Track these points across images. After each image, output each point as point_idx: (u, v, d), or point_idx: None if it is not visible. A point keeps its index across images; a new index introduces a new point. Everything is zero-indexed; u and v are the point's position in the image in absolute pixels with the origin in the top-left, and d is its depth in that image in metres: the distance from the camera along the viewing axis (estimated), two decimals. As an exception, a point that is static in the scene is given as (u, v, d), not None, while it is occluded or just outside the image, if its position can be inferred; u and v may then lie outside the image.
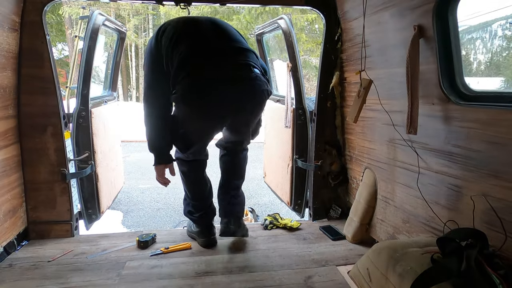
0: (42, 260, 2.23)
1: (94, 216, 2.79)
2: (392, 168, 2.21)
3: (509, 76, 6.33)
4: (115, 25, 3.19)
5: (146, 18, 23.95)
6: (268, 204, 5.79)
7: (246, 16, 13.80)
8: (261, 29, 3.62)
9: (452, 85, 1.72)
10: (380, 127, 2.32)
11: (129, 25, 20.30)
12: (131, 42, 22.95)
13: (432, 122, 1.82)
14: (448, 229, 1.68)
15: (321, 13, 2.70)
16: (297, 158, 3.00)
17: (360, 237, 2.48)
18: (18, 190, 2.41)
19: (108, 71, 3.59)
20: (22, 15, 2.30)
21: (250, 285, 1.96)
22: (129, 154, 9.83)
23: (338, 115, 2.89)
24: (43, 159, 2.49)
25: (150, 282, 1.99)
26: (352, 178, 2.84)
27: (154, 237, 2.48)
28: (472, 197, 1.56)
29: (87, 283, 1.98)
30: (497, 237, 1.44)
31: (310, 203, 3.02)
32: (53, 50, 2.54)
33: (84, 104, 2.64)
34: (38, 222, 2.54)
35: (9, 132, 2.31)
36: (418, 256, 1.58)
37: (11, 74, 2.30)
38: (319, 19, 13.11)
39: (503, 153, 1.45)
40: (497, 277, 1.29)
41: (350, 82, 2.67)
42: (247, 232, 2.47)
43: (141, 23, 24.12)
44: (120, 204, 6.13)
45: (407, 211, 2.08)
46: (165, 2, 2.55)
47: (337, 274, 2.06)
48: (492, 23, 6.75)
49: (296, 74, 2.94)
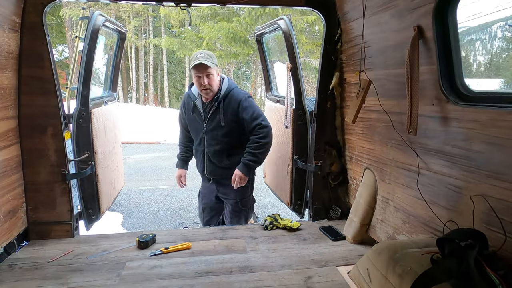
0: (42, 260, 2.23)
1: (94, 217, 2.79)
2: (392, 169, 2.22)
3: (509, 77, 6.33)
4: (115, 25, 3.20)
5: (146, 19, 23.99)
6: (268, 206, 5.78)
7: (246, 18, 13.81)
8: (261, 30, 3.63)
9: (451, 86, 1.72)
10: (380, 128, 2.32)
11: (129, 27, 20.32)
12: (131, 43, 22.99)
13: (431, 122, 1.83)
14: (448, 229, 1.68)
15: (321, 14, 2.71)
16: (297, 159, 3.00)
17: (360, 237, 2.48)
18: (18, 190, 2.41)
19: (108, 72, 3.60)
20: (22, 16, 2.31)
21: (250, 285, 1.96)
22: (129, 155, 9.83)
23: (338, 115, 2.90)
24: (43, 159, 2.49)
25: (150, 282, 1.99)
26: (352, 179, 2.84)
27: (154, 237, 2.48)
28: (472, 197, 1.56)
29: (87, 283, 1.98)
30: (497, 237, 1.44)
31: (310, 203, 3.02)
32: (53, 52, 2.54)
33: (84, 105, 2.65)
34: (38, 223, 2.54)
35: (9, 132, 2.31)
36: (418, 257, 1.58)
37: (12, 75, 2.30)
38: (318, 21, 13.12)
39: (503, 154, 1.46)
40: (496, 278, 1.29)
41: (350, 82, 2.67)
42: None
43: (141, 24, 24.16)
44: (120, 206, 6.13)
45: (407, 211, 2.08)
46: (165, 3, 2.56)
47: (337, 275, 2.06)
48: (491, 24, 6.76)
49: (296, 75, 2.94)
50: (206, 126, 2.87)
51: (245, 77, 29.96)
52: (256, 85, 24.21)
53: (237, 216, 3.04)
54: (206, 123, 2.87)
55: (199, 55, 2.73)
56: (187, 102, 3.00)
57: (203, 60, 2.67)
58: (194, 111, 2.94)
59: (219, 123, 2.83)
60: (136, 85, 25.35)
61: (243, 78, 29.48)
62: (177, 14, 18.10)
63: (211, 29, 14.15)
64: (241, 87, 28.63)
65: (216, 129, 2.85)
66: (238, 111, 2.82)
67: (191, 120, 2.99)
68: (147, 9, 21.41)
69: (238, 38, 14.01)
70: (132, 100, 24.42)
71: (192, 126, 3.02)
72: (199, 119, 2.92)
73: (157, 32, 25.26)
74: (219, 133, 2.85)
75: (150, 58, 24.93)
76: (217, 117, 2.83)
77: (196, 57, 2.73)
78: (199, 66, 2.69)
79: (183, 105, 3.08)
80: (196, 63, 2.68)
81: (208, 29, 14.29)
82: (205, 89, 2.75)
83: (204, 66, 2.69)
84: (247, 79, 29.61)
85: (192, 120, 2.99)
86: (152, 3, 2.70)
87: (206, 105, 2.88)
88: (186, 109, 3.02)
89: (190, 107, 2.96)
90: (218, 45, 17.07)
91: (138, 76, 25.67)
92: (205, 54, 2.74)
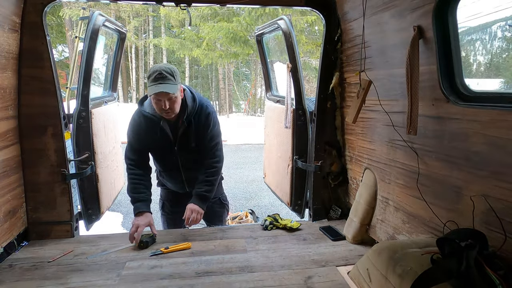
0: (42, 260, 2.23)
1: (94, 217, 2.79)
2: (392, 169, 2.22)
3: (509, 77, 6.33)
4: (115, 25, 3.20)
5: (146, 19, 24.00)
6: (268, 206, 5.78)
7: (246, 18, 13.83)
8: (261, 30, 3.63)
9: (451, 86, 1.72)
10: (380, 128, 2.32)
11: (129, 27, 20.33)
12: (131, 43, 22.99)
13: (432, 122, 1.83)
14: (448, 229, 1.68)
15: (321, 14, 2.71)
16: (297, 159, 3.00)
17: (360, 237, 2.48)
18: (18, 190, 2.41)
19: (108, 72, 3.60)
20: (22, 16, 2.31)
21: (250, 285, 1.96)
22: (129, 155, 9.81)
23: (338, 115, 2.90)
24: (43, 159, 2.49)
25: (150, 282, 1.99)
26: (352, 179, 2.84)
27: (154, 237, 2.48)
28: (472, 197, 1.56)
29: (87, 283, 1.98)
30: (497, 237, 1.44)
31: (310, 203, 3.02)
32: (53, 52, 2.54)
33: (84, 105, 2.65)
34: (38, 223, 2.54)
35: (9, 132, 2.31)
36: (418, 257, 1.58)
37: (11, 75, 2.30)
38: (318, 21, 13.13)
39: (503, 154, 1.45)
40: (496, 278, 1.29)
41: (350, 82, 2.67)
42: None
43: (141, 24, 24.16)
44: (120, 206, 6.13)
45: (407, 211, 2.08)
46: (165, 3, 2.55)
47: (337, 275, 2.06)
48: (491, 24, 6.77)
49: (296, 75, 2.94)
50: (177, 149, 2.54)
51: (245, 77, 29.96)
52: (256, 85, 24.21)
53: (223, 210, 3.01)
54: (176, 146, 2.53)
55: (158, 75, 2.25)
56: (149, 125, 2.48)
57: (164, 89, 2.24)
58: (160, 134, 2.49)
59: (189, 144, 2.52)
60: (136, 85, 25.35)
61: (243, 78, 29.49)
62: (177, 14, 18.10)
63: (211, 29, 14.16)
64: (241, 87, 28.77)
65: (187, 151, 2.55)
66: (209, 127, 2.53)
67: (156, 144, 2.55)
68: (147, 9, 21.41)
69: (238, 38, 14.02)
70: (132, 100, 24.42)
71: (158, 151, 2.62)
72: (165, 141, 2.51)
73: (157, 32, 25.28)
74: (191, 155, 2.58)
75: (150, 58, 24.94)
76: (187, 138, 2.50)
77: (154, 78, 2.26)
78: (159, 94, 2.27)
79: (141, 128, 2.50)
80: (156, 92, 2.25)
81: (208, 29, 14.31)
82: (166, 112, 2.34)
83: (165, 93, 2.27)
84: (247, 79, 29.62)
85: (157, 144, 2.54)
86: (152, 3, 2.69)
87: (172, 125, 2.49)
88: (147, 132, 2.50)
89: (154, 130, 2.48)
90: (218, 45, 17.08)
91: (138, 76, 25.67)
92: (165, 73, 2.26)
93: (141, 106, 2.51)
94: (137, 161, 2.56)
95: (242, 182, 7.28)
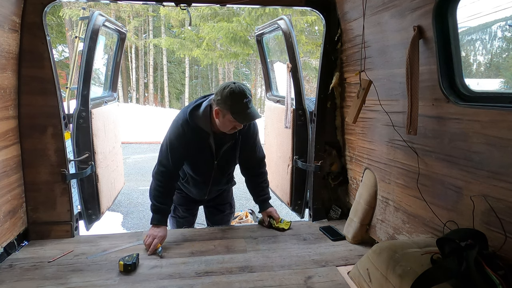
0: (42, 260, 2.23)
1: (94, 217, 2.79)
2: (392, 169, 2.22)
3: (509, 77, 6.34)
4: (115, 25, 3.20)
5: (146, 19, 24.01)
6: (268, 205, 5.79)
7: (246, 18, 13.83)
8: (261, 30, 3.63)
9: (451, 86, 1.72)
10: (380, 128, 2.32)
11: (129, 27, 20.34)
12: (131, 43, 23.00)
13: (432, 122, 1.83)
14: (448, 229, 1.68)
15: (321, 14, 2.71)
16: (297, 159, 3.00)
17: (360, 237, 2.48)
18: (18, 190, 2.41)
19: (108, 72, 3.60)
20: (22, 16, 2.31)
21: (250, 285, 1.96)
22: (129, 155, 9.83)
23: (338, 115, 2.90)
24: (43, 159, 2.49)
25: (150, 282, 1.99)
26: (352, 179, 2.84)
27: (138, 256, 2.19)
28: (472, 197, 1.56)
29: (87, 283, 1.98)
30: (497, 237, 1.44)
31: (310, 203, 3.02)
32: (53, 52, 2.54)
33: (84, 105, 2.65)
34: (38, 223, 2.54)
35: (9, 132, 2.31)
36: (418, 257, 1.58)
37: (11, 75, 2.30)
38: (318, 21, 13.13)
39: (503, 154, 1.45)
40: (496, 278, 1.29)
41: (350, 82, 2.67)
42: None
43: (141, 24, 24.18)
44: (120, 206, 6.13)
45: (407, 211, 2.08)
46: (165, 3, 2.55)
47: (337, 275, 2.06)
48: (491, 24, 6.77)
49: (296, 75, 2.94)
50: (217, 164, 2.49)
51: (245, 77, 29.99)
52: (256, 85, 24.22)
53: (231, 214, 3.07)
54: (217, 160, 2.48)
55: (248, 101, 2.20)
56: (195, 139, 2.37)
57: (256, 115, 2.25)
58: (206, 149, 2.42)
59: (233, 159, 2.55)
60: (136, 85, 25.37)
61: (243, 78, 29.50)
62: (177, 14, 18.12)
63: (211, 29, 14.17)
64: (241, 87, 28.62)
65: (227, 163, 2.57)
66: (257, 134, 2.59)
67: (198, 157, 2.46)
68: (147, 9, 21.42)
69: (238, 38, 14.04)
70: (132, 100, 24.44)
71: (197, 163, 2.52)
72: (208, 156, 2.45)
73: (157, 32, 25.30)
74: (225, 169, 2.61)
75: (150, 58, 24.97)
76: (232, 152, 2.50)
77: (245, 105, 2.19)
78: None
79: (187, 140, 2.37)
80: (252, 120, 2.32)
81: (208, 29, 14.32)
82: (235, 130, 2.33)
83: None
84: (247, 79, 29.63)
85: (199, 157, 2.46)
86: (152, 3, 2.69)
87: (218, 140, 2.43)
88: (192, 145, 2.39)
89: (200, 145, 2.40)
90: (218, 45, 17.10)
91: (138, 76, 25.69)
92: (250, 97, 2.22)
93: (191, 117, 2.35)
94: (171, 169, 2.44)
95: (242, 182, 7.24)
